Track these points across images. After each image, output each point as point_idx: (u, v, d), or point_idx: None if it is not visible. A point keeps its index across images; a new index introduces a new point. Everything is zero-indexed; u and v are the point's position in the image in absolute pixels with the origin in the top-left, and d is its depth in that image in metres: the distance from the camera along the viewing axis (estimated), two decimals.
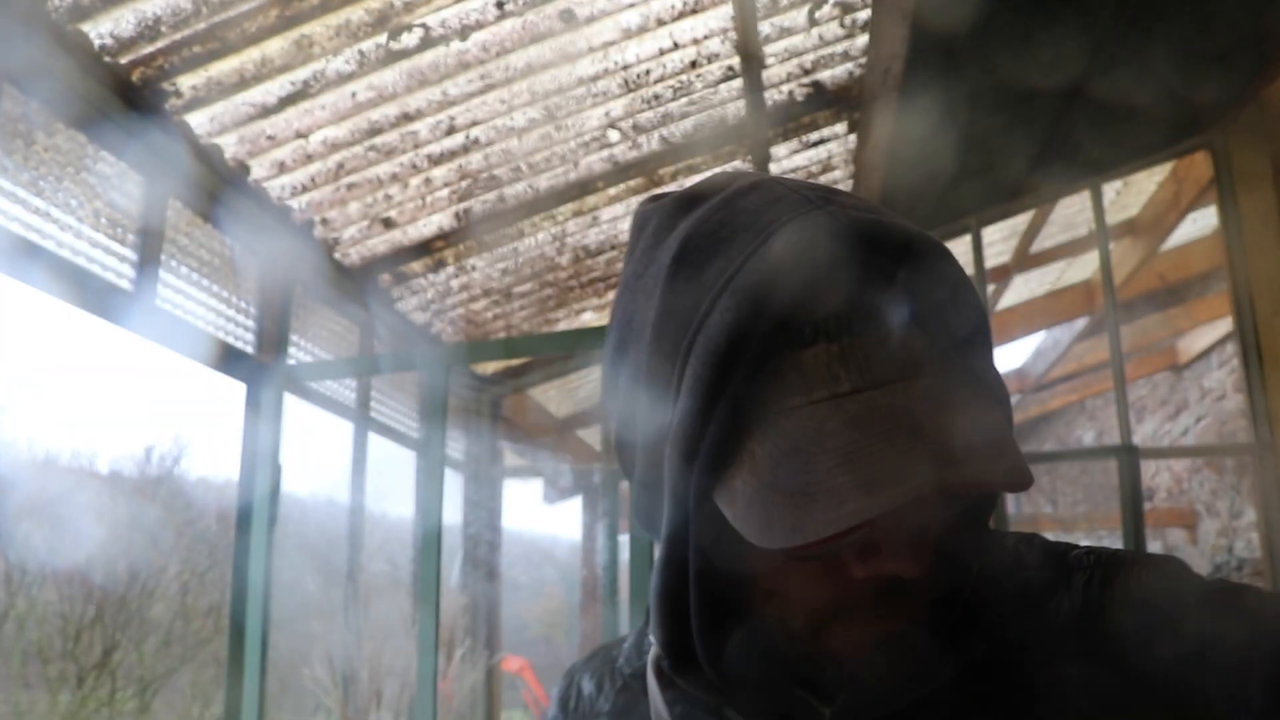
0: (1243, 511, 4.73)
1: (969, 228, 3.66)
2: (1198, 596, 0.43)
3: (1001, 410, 0.42)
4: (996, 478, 0.36)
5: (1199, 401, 5.18)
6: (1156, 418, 5.81)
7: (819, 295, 0.39)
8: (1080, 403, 6.97)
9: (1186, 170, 3.74)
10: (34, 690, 4.92)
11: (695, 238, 0.43)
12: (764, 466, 0.38)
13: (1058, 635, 0.43)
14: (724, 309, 0.39)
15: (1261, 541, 3.26)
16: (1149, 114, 3.06)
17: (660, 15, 2.21)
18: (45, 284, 1.80)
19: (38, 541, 4.99)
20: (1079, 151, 3.25)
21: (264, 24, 1.88)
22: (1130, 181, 3.89)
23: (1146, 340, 5.28)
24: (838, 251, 0.39)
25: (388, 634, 2.67)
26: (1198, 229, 4.57)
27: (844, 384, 0.38)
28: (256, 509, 2.18)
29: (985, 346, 0.43)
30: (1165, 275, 4.74)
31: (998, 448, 0.37)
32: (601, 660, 0.57)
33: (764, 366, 0.39)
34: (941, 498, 0.37)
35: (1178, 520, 5.42)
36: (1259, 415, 3.18)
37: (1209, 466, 5.10)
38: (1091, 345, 5.67)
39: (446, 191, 2.63)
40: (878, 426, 0.37)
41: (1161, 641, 0.41)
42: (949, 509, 0.40)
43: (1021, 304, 5.20)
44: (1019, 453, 0.38)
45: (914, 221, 0.42)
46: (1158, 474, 5.74)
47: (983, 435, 0.37)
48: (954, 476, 0.36)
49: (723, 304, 0.39)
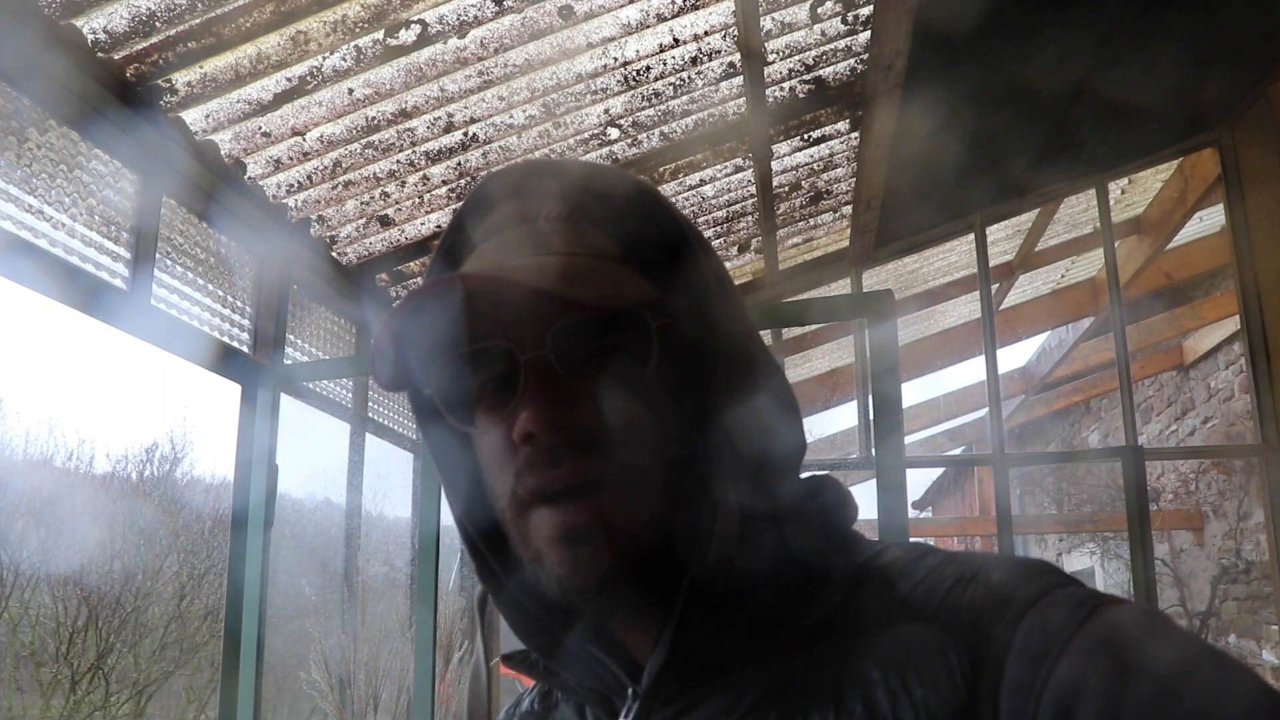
0: (1250, 513, 4.69)
1: (973, 226, 3.63)
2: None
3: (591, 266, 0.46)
4: (543, 282, 0.42)
5: (1206, 402, 5.15)
6: (1163, 418, 5.77)
7: (486, 206, 0.50)
8: (1085, 403, 6.94)
9: (1193, 168, 3.71)
10: (27, 694, 4.91)
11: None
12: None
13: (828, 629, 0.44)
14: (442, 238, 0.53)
15: (1269, 544, 3.23)
16: (1155, 111, 3.04)
17: (661, 11, 2.19)
18: (38, 283, 1.77)
19: (31, 543, 4.98)
20: (1084, 149, 3.22)
21: (260, 20, 1.86)
22: (1136, 179, 3.86)
23: (1152, 340, 5.25)
24: (506, 181, 0.50)
25: (385, 637, 2.64)
26: (1204, 227, 4.54)
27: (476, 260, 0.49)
28: (253, 510, 2.16)
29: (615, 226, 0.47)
30: (1171, 274, 4.71)
31: (556, 271, 0.43)
32: (511, 706, 0.59)
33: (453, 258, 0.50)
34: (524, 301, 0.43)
35: (1184, 522, 5.38)
36: (1266, 416, 3.15)
37: (1216, 468, 5.07)
38: (1097, 345, 5.65)
39: (444, 189, 2.60)
40: (491, 249, 0.48)
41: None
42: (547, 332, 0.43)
43: (1026, 303, 5.17)
44: (573, 279, 0.43)
45: (916, 221, 0.43)
46: (1164, 475, 5.70)
47: (555, 264, 0.44)
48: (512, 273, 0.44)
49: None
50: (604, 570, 0.42)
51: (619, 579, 0.43)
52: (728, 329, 0.46)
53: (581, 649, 0.48)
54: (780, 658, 0.43)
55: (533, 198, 0.48)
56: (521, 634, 0.49)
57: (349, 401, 3.02)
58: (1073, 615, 0.38)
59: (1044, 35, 2.48)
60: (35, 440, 5.71)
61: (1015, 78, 2.61)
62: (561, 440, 0.42)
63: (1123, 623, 0.37)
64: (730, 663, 0.44)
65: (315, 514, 4.61)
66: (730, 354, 0.46)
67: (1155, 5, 2.38)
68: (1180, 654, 0.36)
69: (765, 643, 0.44)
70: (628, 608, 0.46)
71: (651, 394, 0.44)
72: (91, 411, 8.46)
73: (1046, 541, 8.04)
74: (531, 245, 0.46)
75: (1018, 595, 0.40)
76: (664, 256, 0.46)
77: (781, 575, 0.44)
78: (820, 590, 0.45)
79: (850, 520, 0.49)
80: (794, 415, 0.49)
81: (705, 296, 0.46)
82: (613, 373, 0.43)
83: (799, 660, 0.43)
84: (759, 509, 0.45)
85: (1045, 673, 0.36)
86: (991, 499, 6.14)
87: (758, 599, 0.44)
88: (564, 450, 0.42)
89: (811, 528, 0.46)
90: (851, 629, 0.42)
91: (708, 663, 0.44)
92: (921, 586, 0.42)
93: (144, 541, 5.41)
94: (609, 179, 0.49)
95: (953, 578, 0.42)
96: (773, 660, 0.43)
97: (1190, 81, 2.87)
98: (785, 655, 0.43)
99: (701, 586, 0.42)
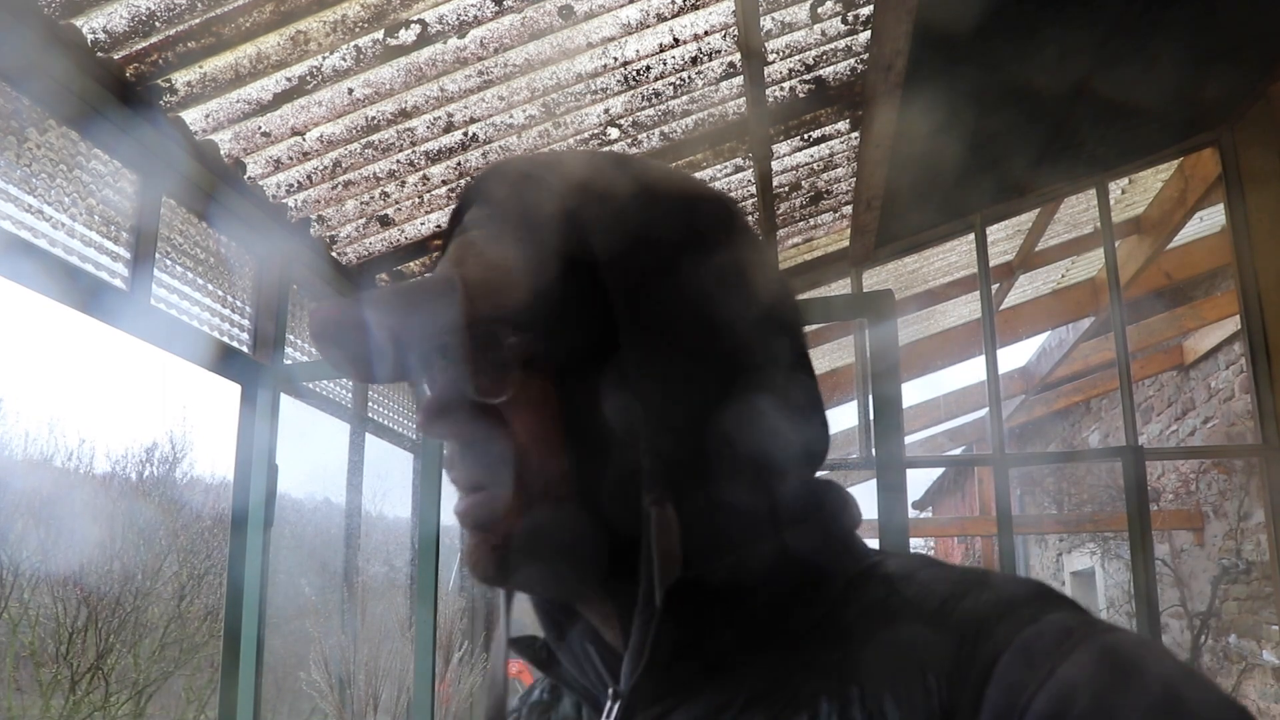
0: (1251, 513, 4.69)
1: (973, 226, 3.63)
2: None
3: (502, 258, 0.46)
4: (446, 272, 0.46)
5: (1206, 402, 5.15)
6: (1163, 418, 5.77)
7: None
8: (1086, 403, 6.94)
9: (1193, 167, 3.71)
10: (26, 694, 4.91)
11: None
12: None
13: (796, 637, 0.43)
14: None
15: (1270, 544, 3.23)
16: (1155, 111, 3.03)
17: (661, 11, 2.19)
18: (38, 283, 1.77)
19: (31, 543, 4.97)
20: (1084, 149, 3.22)
21: (259, 20, 1.86)
22: (1136, 179, 3.86)
23: (1153, 339, 5.25)
24: (477, 182, 0.51)
25: (385, 637, 2.64)
26: (1205, 227, 4.54)
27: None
28: (252, 510, 2.16)
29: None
30: (1172, 274, 4.71)
31: (467, 258, 0.46)
32: (525, 693, 0.59)
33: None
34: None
35: (1185, 522, 5.38)
36: (1267, 416, 3.14)
37: (1217, 468, 5.07)
38: (1097, 345, 5.64)
39: (444, 189, 2.60)
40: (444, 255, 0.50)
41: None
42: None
43: (1026, 303, 5.17)
44: (477, 265, 0.46)
45: (916, 221, 0.42)
46: (1164, 475, 5.70)
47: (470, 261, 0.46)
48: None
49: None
50: (488, 566, 0.45)
51: (507, 577, 0.46)
52: (671, 332, 0.43)
53: (579, 645, 0.49)
54: (765, 666, 0.43)
55: (479, 203, 0.49)
56: (539, 620, 0.51)
57: (349, 401, 3.02)
58: (1059, 644, 0.36)
59: (1044, 35, 2.48)
60: (35, 440, 5.72)
61: (1015, 78, 2.61)
62: (451, 443, 0.46)
63: (1110, 654, 0.36)
64: (716, 667, 0.43)
65: (315, 514, 4.61)
66: (680, 357, 0.44)
67: (1155, 5, 2.38)
68: (1168, 690, 0.34)
69: (751, 649, 0.43)
70: (596, 612, 0.47)
71: (533, 405, 0.44)
72: (91, 411, 8.46)
73: (1047, 541, 8.04)
74: (450, 258, 0.48)
75: (1004, 620, 0.38)
76: (571, 267, 0.44)
77: (772, 581, 0.44)
78: (812, 598, 0.44)
79: (849, 528, 0.48)
80: (799, 416, 0.47)
81: (636, 297, 0.43)
82: (481, 388, 0.44)
83: (783, 669, 0.42)
84: (739, 514, 0.44)
85: (1024, 704, 0.35)
86: (991, 499, 6.14)
87: (744, 605, 0.43)
88: (456, 452, 0.46)
89: (805, 534, 0.45)
90: (839, 641, 0.42)
91: (692, 666, 0.43)
92: (910, 603, 0.42)
93: (144, 541, 5.41)
94: (550, 182, 0.47)
95: (941, 597, 0.41)
96: (757, 667, 0.43)
97: (1190, 81, 2.87)
98: (770, 664, 0.43)
99: (684, 590, 0.42)
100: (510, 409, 0.44)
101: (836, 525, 0.47)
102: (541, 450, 0.44)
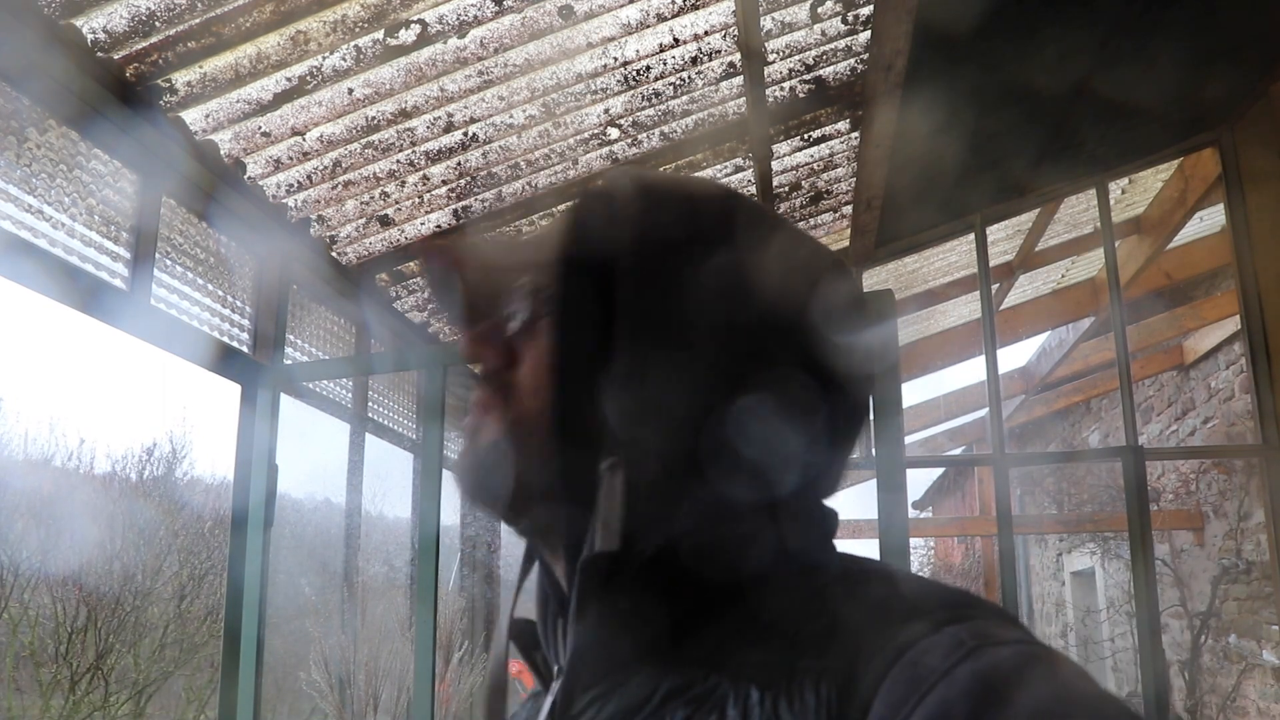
0: (1251, 513, 4.69)
1: (973, 226, 3.63)
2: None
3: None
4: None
5: (1206, 402, 5.15)
6: (1163, 418, 5.77)
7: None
8: (1086, 403, 6.94)
9: (1193, 167, 3.71)
10: (26, 694, 4.91)
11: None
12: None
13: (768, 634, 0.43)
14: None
15: (1270, 544, 3.23)
16: (1155, 111, 3.04)
17: (661, 11, 2.19)
18: (38, 283, 1.77)
19: (31, 543, 4.97)
20: (1084, 149, 3.22)
21: (259, 20, 1.86)
22: (1136, 179, 3.86)
23: (1153, 339, 5.25)
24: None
25: (385, 637, 2.64)
26: (1205, 227, 4.54)
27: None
28: (252, 510, 2.16)
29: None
30: (1172, 274, 4.71)
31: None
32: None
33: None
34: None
35: (1185, 522, 5.38)
36: (1267, 416, 3.14)
37: (1217, 468, 5.07)
38: (1097, 345, 5.64)
39: (444, 189, 2.60)
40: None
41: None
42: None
43: (1026, 303, 5.17)
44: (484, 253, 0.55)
45: (916, 221, 0.42)
46: (1164, 475, 5.70)
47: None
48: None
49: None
50: (465, 471, 0.50)
51: (478, 487, 0.50)
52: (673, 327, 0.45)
53: (553, 623, 0.50)
54: (691, 659, 0.43)
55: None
56: (535, 605, 0.52)
57: (349, 401, 3.02)
58: (946, 658, 0.36)
59: (1044, 35, 2.48)
60: (35, 440, 5.71)
61: (1015, 78, 2.61)
62: (479, 369, 0.53)
63: (990, 673, 0.35)
64: (653, 653, 0.44)
65: (315, 514, 4.61)
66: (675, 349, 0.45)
67: (1155, 5, 2.38)
68: (1050, 706, 0.34)
69: (683, 638, 0.44)
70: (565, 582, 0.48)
71: (546, 360, 0.48)
72: (91, 411, 8.45)
73: (1046, 541, 8.04)
74: (498, 244, 0.58)
75: (901, 633, 0.38)
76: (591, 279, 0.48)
77: (712, 571, 0.44)
78: (749, 594, 0.44)
79: (823, 534, 0.48)
80: (778, 423, 0.45)
81: (637, 284, 0.45)
82: (515, 336, 0.51)
83: (709, 663, 0.42)
84: (695, 500, 0.44)
85: (904, 717, 0.35)
86: (991, 499, 6.14)
87: (684, 591, 0.44)
88: (482, 378, 0.52)
89: (758, 532, 0.45)
90: (759, 640, 0.42)
91: (629, 647, 0.44)
92: (830, 610, 0.42)
93: (143, 541, 5.41)
94: (589, 220, 0.50)
95: (866, 605, 0.41)
96: (683, 660, 0.43)
97: (1190, 81, 2.87)
98: (696, 657, 0.43)
99: (625, 566, 0.43)
100: (526, 349, 0.50)
101: (798, 529, 0.47)
102: (536, 389, 0.49)
